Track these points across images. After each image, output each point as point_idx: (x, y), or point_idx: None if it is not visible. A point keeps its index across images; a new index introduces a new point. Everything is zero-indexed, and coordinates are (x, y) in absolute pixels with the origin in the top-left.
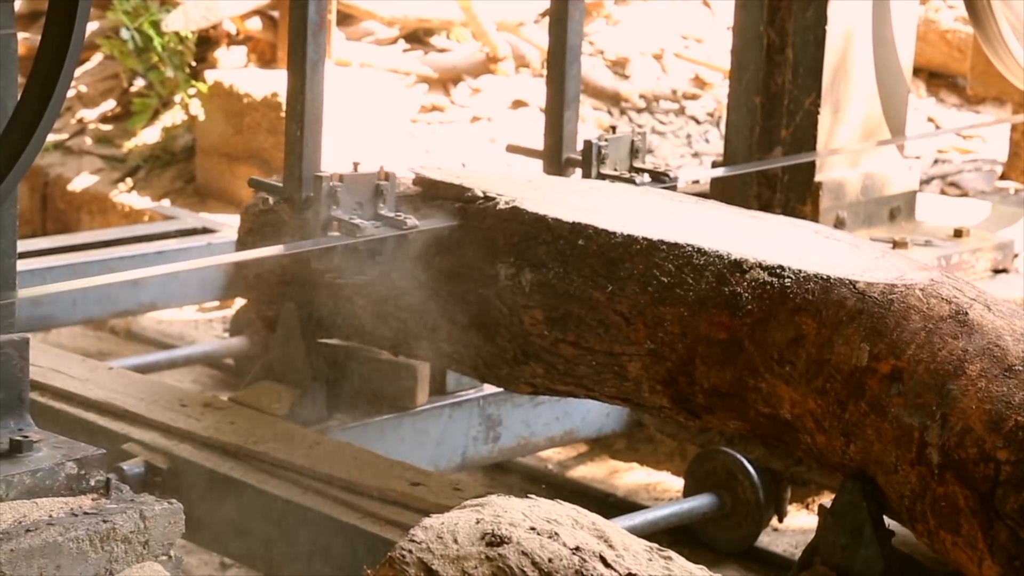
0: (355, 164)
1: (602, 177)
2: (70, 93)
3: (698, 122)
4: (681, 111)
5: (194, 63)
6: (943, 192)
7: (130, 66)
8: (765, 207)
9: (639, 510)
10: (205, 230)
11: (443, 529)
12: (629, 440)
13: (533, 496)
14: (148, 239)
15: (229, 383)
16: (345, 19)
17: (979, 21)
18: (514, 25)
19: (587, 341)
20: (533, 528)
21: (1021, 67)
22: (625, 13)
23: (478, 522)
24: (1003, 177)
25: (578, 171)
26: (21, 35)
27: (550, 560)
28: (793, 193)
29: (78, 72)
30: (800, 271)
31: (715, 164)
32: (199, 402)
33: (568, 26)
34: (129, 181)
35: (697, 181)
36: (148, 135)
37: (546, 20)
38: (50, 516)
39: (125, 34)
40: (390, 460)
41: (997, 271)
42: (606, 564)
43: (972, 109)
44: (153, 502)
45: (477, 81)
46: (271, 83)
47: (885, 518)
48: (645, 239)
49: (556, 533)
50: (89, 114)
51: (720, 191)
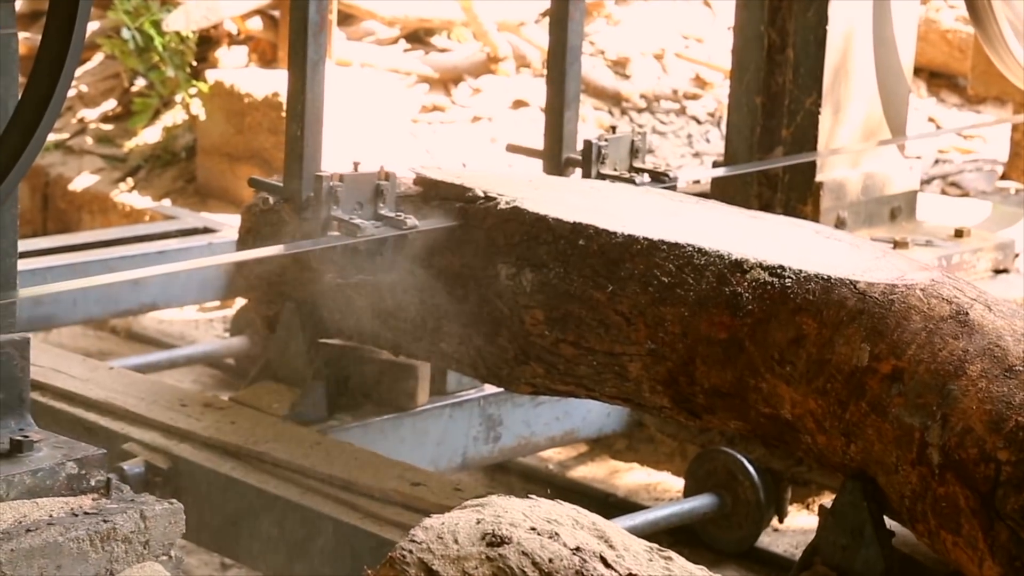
0: (355, 164)
1: (602, 177)
2: (71, 93)
3: (699, 122)
4: (682, 111)
5: (195, 63)
6: (944, 192)
7: (131, 66)
8: (766, 207)
9: (639, 510)
10: (206, 230)
11: (443, 529)
12: (629, 440)
13: (533, 496)
14: (149, 239)
15: (230, 383)
16: (346, 19)
17: (980, 21)
18: (515, 25)
19: (587, 341)
20: (533, 528)
21: (1022, 67)
22: (626, 13)
23: (479, 522)
24: (1004, 177)
25: (578, 171)
26: (22, 35)
27: (550, 560)
28: (794, 193)
29: (79, 72)
30: (801, 271)
31: (716, 164)
32: (200, 402)
33: (569, 26)
34: (130, 181)
35: (698, 181)
36: (149, 135)
37: (547, 20)
38: (50, 516)
39: (126, 34)
40: (390, 460)
41: (998, 271)
42: (606, 564)
43: (973, 109)
44: (153, 502)
45: (478, 81)
46: (272, 83)
47: (886, 518)
48: (646, 239)
49: (556, 533)
50: (90, 114)
51: (721, 191)
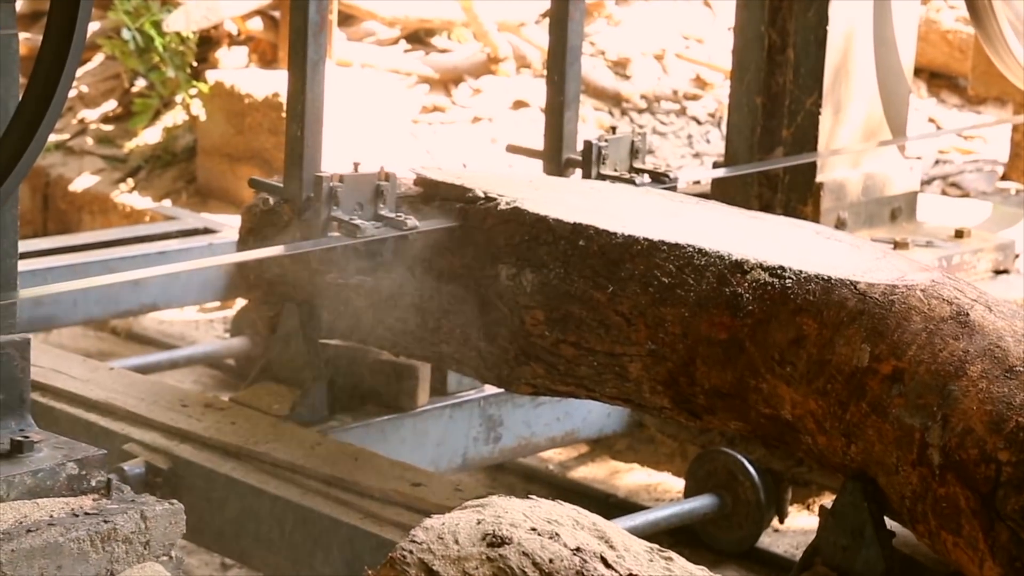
0: (356, 164)
1: (602, 178)
2: (71, 93)
3: (699, 122)
4: (682, 111)
5: (195, 63)
6: (944, 193)
7: (131, 66)
8: (766, 208)
9: (640, 511)
10: (206, 230)
11: (444, 530)
12: (630, 441)
13: (534, 497)
14: (149, 239)
15: (230, 383)
16: (346, 19)
17: (980, 21)
18: (515, 25)
19: (588, 342)
20: (534, 529)
21: (1022, 67)
22: (626, 13)
23: (479, 523)
24: (1004, 178)
25: (578, 172)
26: (22, 35)
27: (551, 561)
28: (794, 193)
29: (79, 72)
30: (801, 272)
31: (716, 164)
32: (200, 402)
33: (569, 26)
34: (130, 181)
35: (698, 182)
36: (149, 135)
37: (547, 20)
38: (51, 516)
39: (126, 34)
40: (391, 461)
41: (998, 272)
42: (607, 565)
43: (973, 109)
44: (154, 502)
45: (478, 81)
46: (272, 83)
47: (886, 519)
48: (646, 240)
49: (557, 534)
50: (90, 114)
51: (721, 191)
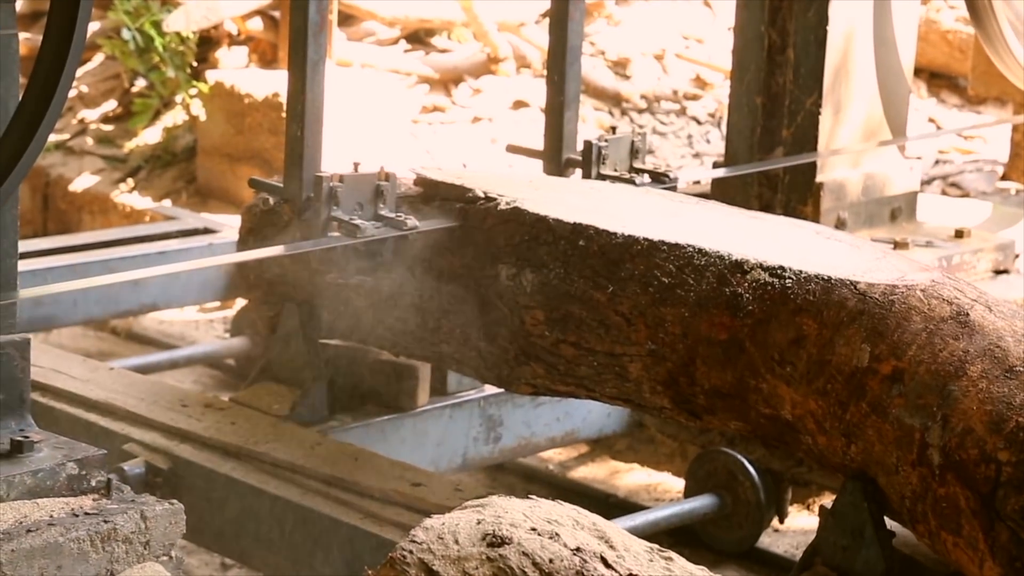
0: (356, 164)
1: (602, 178)
2: (71, 93)
3: (699, 122)
4: (682, 111)
5: (195, 63)
6: (944, 193)
7: (131, 66)
8: (766, 208)
9: (640, 511)
10: (206, 230)
11: (444, 530)
12: (630, 441)
13: (534, 497)
14: (149, 239)
15: (230, 383)
16: (346, 19)
17: (980, 21)
18: (515, 25)
19: (588, 342)
20: (534, 529)
21: (1022, 67)
22: (626, 13)
23: (479, 523)
24: (1004, 178)
25: (578, 172)
26: (22, 35)
27: (551, 561)
28: (794, 194)
29: (79, 72)
30: (801, 272)
31: (716, 164)
32: (200, 402)
33: (569, 26)
34: (130, 181)
35: (698, 182)
36: (149, 135)
37: (547, 20)
38: (51, 516)
39: (126, 34)
40: (391, 461)
41: (998, 272)
42: (607, 565)
43: (973, 109)
44: (154, 502)
45: (478, 81)
46: (272, 83)
47: (886, 519)
48: (646, 240)
49: (557, 534)
50: (90, 114)
51: (721, 192)
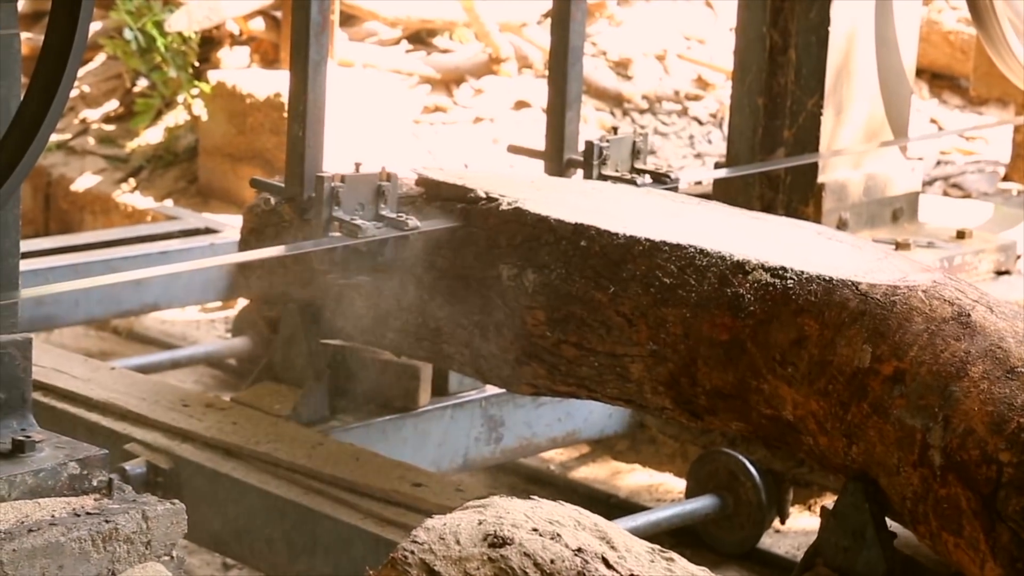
0: (357, 165)
1: (604, 178)
2: (73, 93)
3: (701, 123)
4: (684, 112)
5: (197, 63)
6: (946, 193)
7: (133, 66)
8: (767, 208)
9: (641, 511)
10: (208, 230)
11: (445, 530)
12: (631, 441)
13: (535, 497)
14: (151, 239)
15: (231, 383)
16: (348, 20)
17: (982, 22)
18: (517, 26)
19: (589, 342)
20: (535, 529)
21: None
22: (628, 14)
23: (480, 523)
24: (1006, 179)
25: (580, 172)
26: (24, 35)
27: (552, 561)
28: (796, 194)
29: (81, 72)
30: (802, 272)
31: (718, 165)
32: (201, 402)
33: (570, 27)
34: (132, 181)
35: (700, 182)
36: (151, 135)
37: (548, 21)
38: (52, 516)
39: (128, 34)
40: (392, 461)
41: (1000, 273)
42: (608, 565)
43: (975, 110)
44: (155, 502)
45: (480, 82)
46: (274, 83)
47: (887, 520)
48: (647, 240)
49: (558, 534)
50: (92, 114)
51: (723, 192)
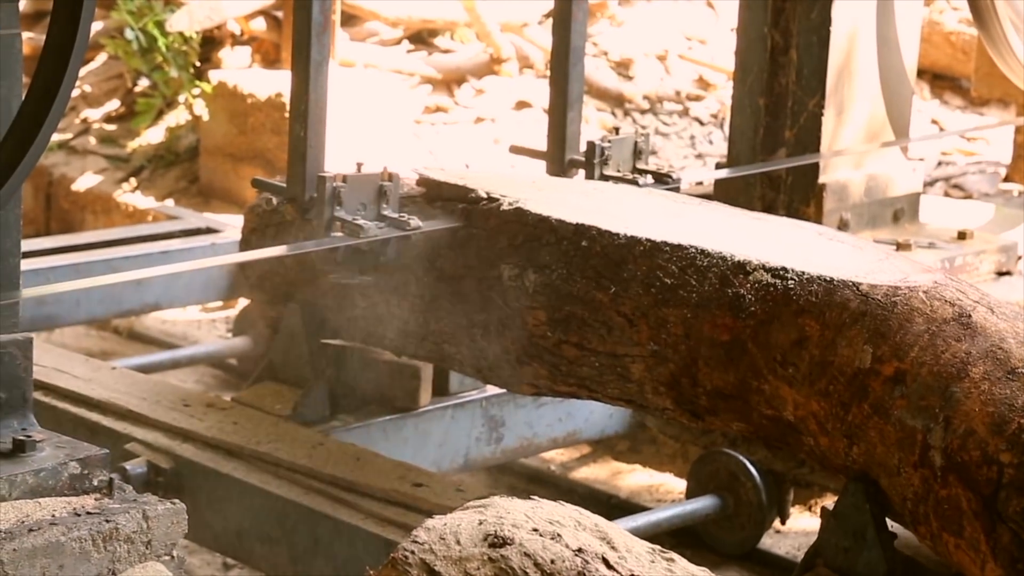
0: (359, 165)
1: (605, 178)
2: (74, 93)
3: (702, 123)
4: (685, 112)
5: (198, 63)
6: (947, 194)
7: (134, 66)
8: (768, 208)
9: (642, 511)
10: (209, 230)
11: (446, 530)
12: (632, 441)
13: (536, 497)
14: (152, 239)
15: (232, 383)
16: (349, 20)
17: (983, 22)
18: (518, 26)
19: (590, 342)
20: (536, 529)
21: None
22: (629, 14)
23: (481, 523)
24: (1007, 179)
25: (581, 172)
26: (25, 35)
27: (552, 562)
28: (797, 195)
29: (82, 72)
30: (803, 273)
31: (719, 165)
32: (202, 402)
33: (572, 27)
34: (133, 181)
35: (701, 182)
36: (152, 135)
37: (550, 21)
38: (53, 516)
39: (129, 34)
40: (393, 461)
41: (1001, 273)
42: (608, 566)
43: (976, 111)
44: (156, 502)
45: (481, 82)
46: (275, 83)
47: (888, 520)
48: (648, 240)
49: (559, 534)
50: (93, 114)
51: (724, 192)
